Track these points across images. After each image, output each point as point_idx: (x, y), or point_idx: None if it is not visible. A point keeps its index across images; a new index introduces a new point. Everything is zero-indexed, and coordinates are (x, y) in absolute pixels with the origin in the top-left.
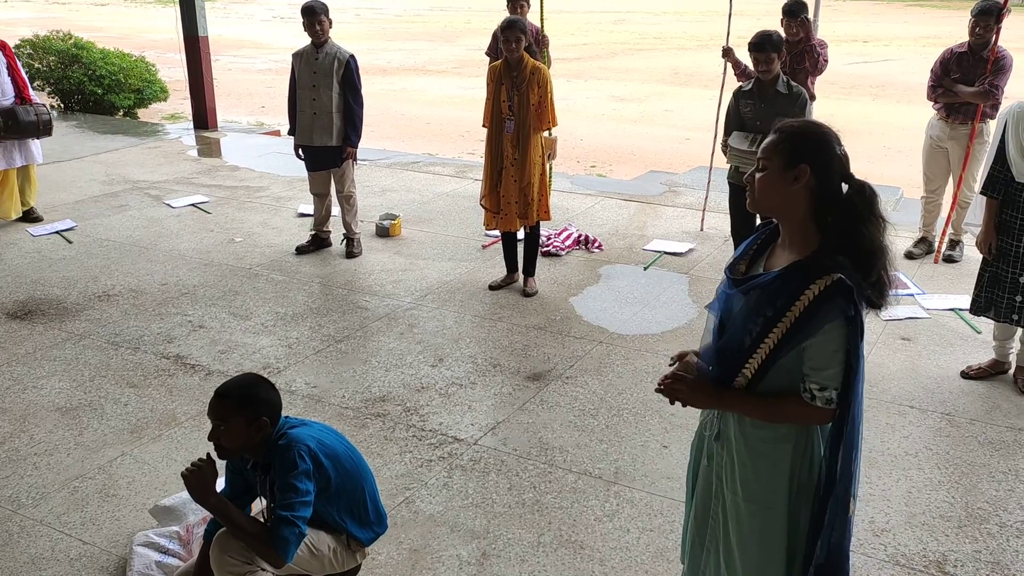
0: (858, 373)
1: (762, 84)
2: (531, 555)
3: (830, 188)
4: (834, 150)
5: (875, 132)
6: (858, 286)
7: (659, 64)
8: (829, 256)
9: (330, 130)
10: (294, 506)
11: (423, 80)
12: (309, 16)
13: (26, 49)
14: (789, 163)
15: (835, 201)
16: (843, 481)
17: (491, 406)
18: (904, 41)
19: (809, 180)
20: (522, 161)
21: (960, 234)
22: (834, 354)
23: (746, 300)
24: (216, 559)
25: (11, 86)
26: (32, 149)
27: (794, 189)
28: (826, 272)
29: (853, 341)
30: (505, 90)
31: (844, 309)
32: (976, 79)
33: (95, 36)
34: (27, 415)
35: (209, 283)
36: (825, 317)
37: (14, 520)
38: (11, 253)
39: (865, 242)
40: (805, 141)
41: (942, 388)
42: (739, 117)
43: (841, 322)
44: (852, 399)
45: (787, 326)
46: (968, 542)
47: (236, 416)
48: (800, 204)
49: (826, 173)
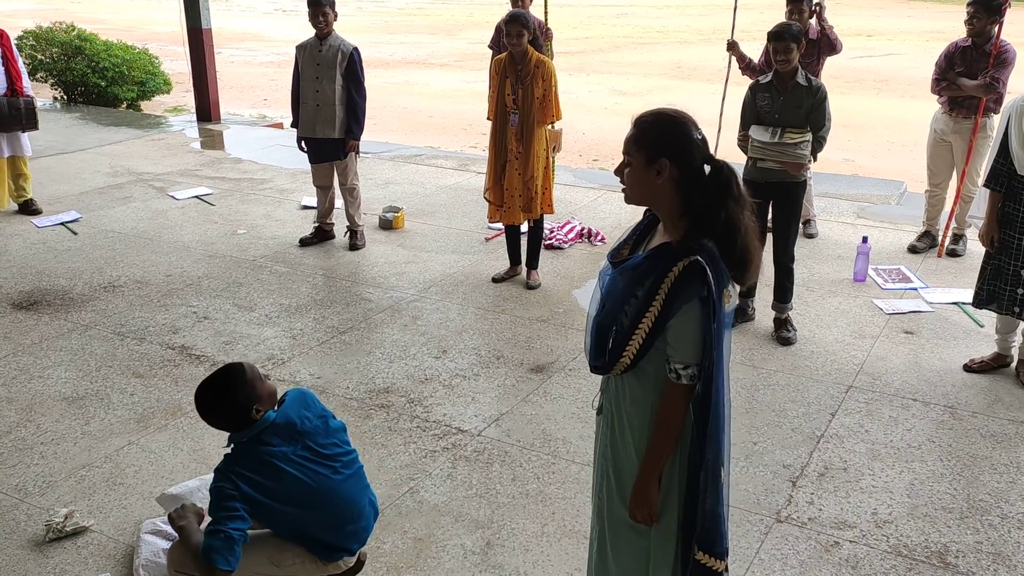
0: (717, 350)
1: (780, 76)
2: (535, 544)
3: (692, 175)
4: (691, 138)
5: (879, 126)
6: (716, 267)
7: (662, 58)
8: (694, 238)
9: (333, 122)
10: (219, 519)
11: (426, 73)
12: (315, 7)
13: (29, 40)
14: (650, 159)
15: (698, 185)
16: (711, 451)
17: (494, 397)
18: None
19: (671, 171)
20: (526, 155)
21: (963, 228)
22: (693, 333)
23: (621, 280)
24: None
25: (3, 77)
26: (21, 141)
27: (659, 182)
28: (686, 254)
29: (707, 320)
30: (510, 83)
31: (698, 290)
32: (979, 73)
33: (98, 28)
34: (33, 404)
35: (213, 274)
36: (683, 298)
37: (21, 508)
38: (16, 244)
39: (724, 220)
40: (662, 135)
41: (945, 381)
42: (755, 111)
43: (695, 302)
44: (714, 374)
45: (658, 309)
46: (970, 533)
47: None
48: (666, 194)
49: (686, 162)
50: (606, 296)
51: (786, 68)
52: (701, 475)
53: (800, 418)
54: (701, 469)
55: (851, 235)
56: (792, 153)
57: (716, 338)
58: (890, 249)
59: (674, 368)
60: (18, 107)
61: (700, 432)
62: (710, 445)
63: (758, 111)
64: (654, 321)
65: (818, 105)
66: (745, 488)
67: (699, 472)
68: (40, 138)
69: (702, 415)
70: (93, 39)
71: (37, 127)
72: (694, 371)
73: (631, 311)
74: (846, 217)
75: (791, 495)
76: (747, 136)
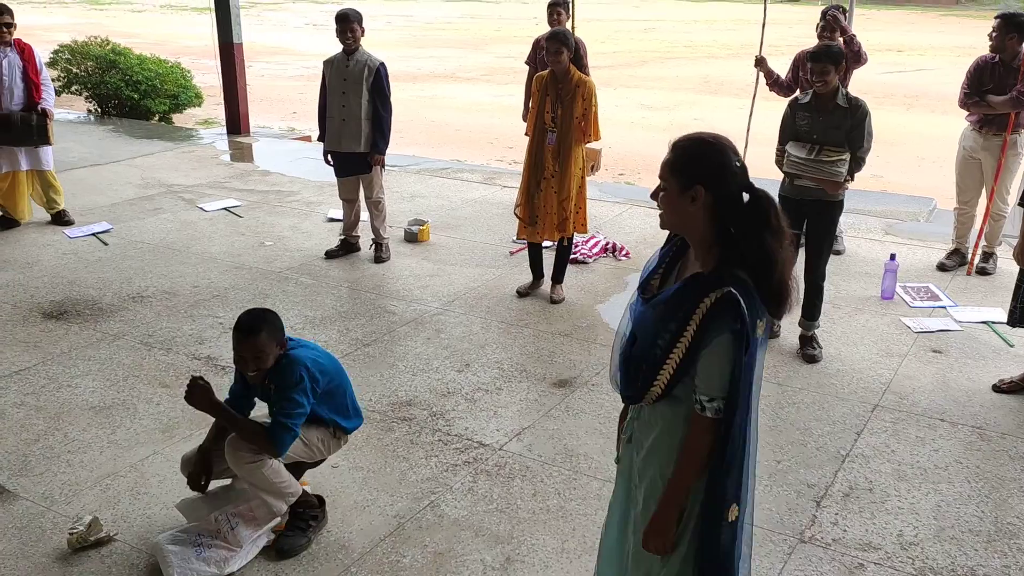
0: (744, 382)
1: (820, 98)
2: (555, 561)
3: (729, 203)
4: (729, 165)
5: (908, 142)
6: (750, 298)
7: (689, 73)
8: (727, 269)
9: (359, 137)
10: (291, 415)
11: (453, 87)
12: (343, 23)
13: (64, 54)
14: (684, 185)
15: (735, 214)
16: (726, 484)
17: (517, 412)
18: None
19: (705, 199)
20: (562, 174)
21: (993, 246)
22: (721, 366)
23: (652, 314)
24: (231, 457)
25: (22, 90)
26: (39, 156)
27: (692, 209)
28: (719, 285)
29: (738, 354)
30: (549, 101)
31: (731, 324)
32: (1008, 89)
33: (132, 42)
34: (61, 413)
35: (240, 286)
36: (714, 330)
37: (47, 516)
38: (48, 254)
39: (759, 251)
40: (698, 161)
41: (973, 401)
42: (795, 129)
43: (727, 336)
44: (737, 410)
45: (689, 339)
46: (997, 557)
47: (270, 343)
48: (701, 221)
49: (722, 190)
50: (637, 329)
51: (825, 90)
52: (709, 509)
53: (825, 437)
54: (723, 503)
55: (879, 252)
56: (828, 171)
57: (745, 371)
58: (919, 267)
59: (699, 399)
60: (30, 122)
61: (720, 466)
62: (731, 480)
63: (797, 129)
64: (686, 350)
65: (858, 124)
66: (768, 507)
67: (720, 506)
68: (73, 150)
69: (722, 449)
70: (127, 53)
71: (49, 143)
72: (719, 404)
73: (662, 344)
74: (874, 234)
75: (815, 515)
76: (784, 151)
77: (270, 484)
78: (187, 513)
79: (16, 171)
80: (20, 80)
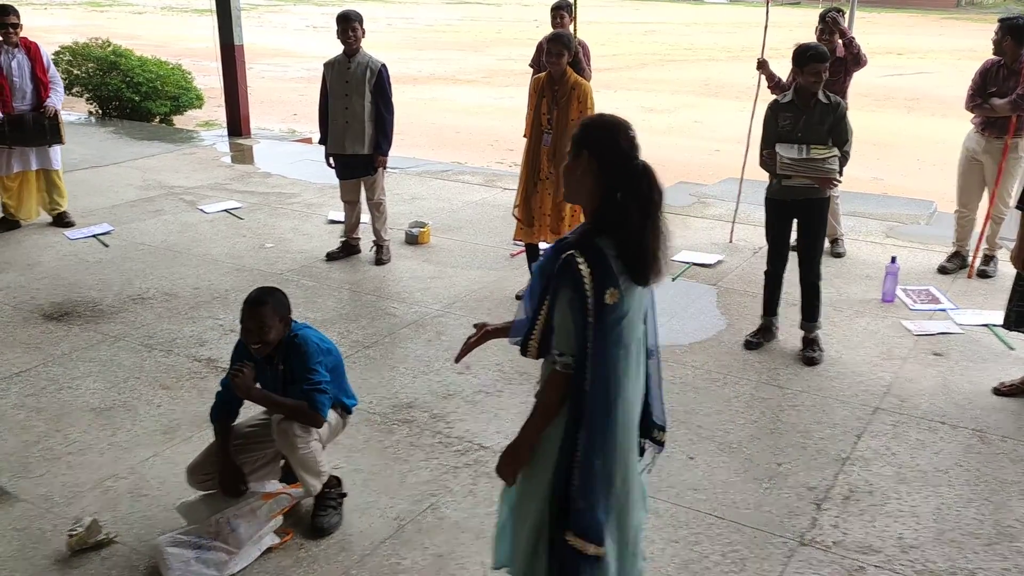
0: (598, 345)
1: (803, 95)
2: None
3: (611, 170)
4: (616, 136)
5: (908, 145)
6: (601, 265)
7: (689, 75)
8: (589, 236)
9: (362, 138)
10: (319, 383)
11: (453, 89)
12: (344, 23)
13: (66, 56)
14: (576, 152)
15: (615, 180)
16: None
17: (517, 414)
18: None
19: (590, 164)
20: (557, 175)
21: (995, 249)
22: (566, 325)
23: (536, 275)
24: (281, 437)
25: (32, 89)
26: (49, 155)
27: (579, 175)
28: (568, 249)
29: (577, 314)
30: (546, 103)
31: (568, 285)
32: (1010, 92)
33: (133, 44)
34: (62, 415)
35: (241, 287)
36: (559, 291)
37: (47, 518)
38: (49, 256)
39: (620, 217)
40: (588, 131)
41: (974, 404)
42: (776, 130)
43: (564, 296)
44: (594, 366)
45: (548, 299)
46: (997, 560)
47: (274, 317)
48: (586, 188)
49: (607, 158)
50: (530, 288)
51: (816, 88)
52: (576, 456)
53: (825, 439)
54: (575, 451)
55: (880, 255)
56: (823, 168)
57: (597, 334)
58: (919, 269)
59: (552, 354)
60: (42, 122)
61: (573, 418)
62: (583, 431)
63: (779, 130)
64: (548, 309)
65: (839, 121)
66: (769, 510)
67: (572, 453)
68: (74, 152)
69: (576, 403)
70: (128, 55)
71: (62, 142)
72: (568, 360)
73: (534, 302)
74: (875, 237)
75: (815, 518)
76: (773, 154)
77: (313, 462)
78: (187, 515)
79: (27, 171)
80: (30, 80)
